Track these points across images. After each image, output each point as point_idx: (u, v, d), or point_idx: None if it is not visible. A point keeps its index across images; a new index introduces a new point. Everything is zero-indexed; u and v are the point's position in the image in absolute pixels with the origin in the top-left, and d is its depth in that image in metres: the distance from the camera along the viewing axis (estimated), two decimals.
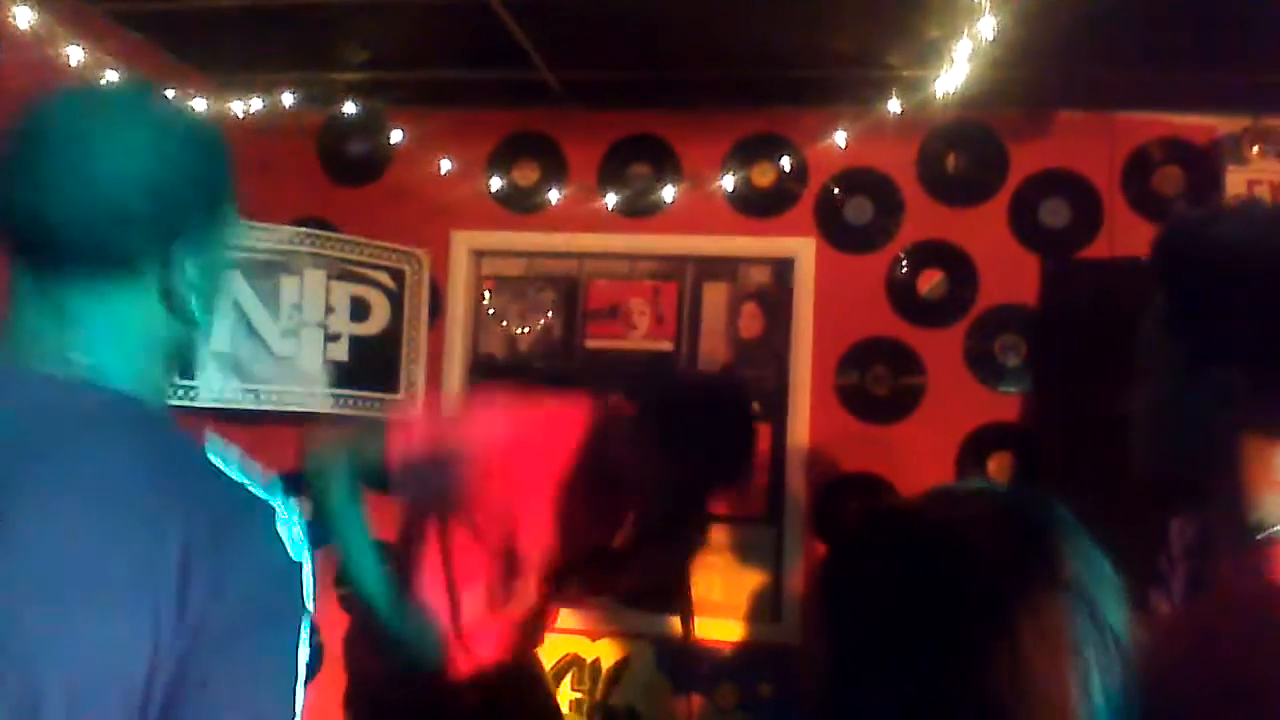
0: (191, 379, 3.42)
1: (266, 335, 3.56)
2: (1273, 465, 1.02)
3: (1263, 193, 3.40)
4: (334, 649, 2.75)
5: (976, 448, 3.54)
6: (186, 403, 3.38)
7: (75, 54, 2.94)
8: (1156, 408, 1.09)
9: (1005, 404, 3.54)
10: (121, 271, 1.07)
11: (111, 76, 3.12)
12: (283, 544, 1.02)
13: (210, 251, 1.14)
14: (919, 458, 3.52)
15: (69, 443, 0.99)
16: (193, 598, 0.94)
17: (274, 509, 1.03)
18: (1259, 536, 1.02)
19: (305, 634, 1.02)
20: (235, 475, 1.05)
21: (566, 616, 3.40)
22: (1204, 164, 3.47)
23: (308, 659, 1.02)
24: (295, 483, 3.80)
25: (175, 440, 1.07)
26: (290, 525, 1.04)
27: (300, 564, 1.03)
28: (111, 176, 1.05)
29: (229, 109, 3.50)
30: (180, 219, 1.09)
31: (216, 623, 0.95)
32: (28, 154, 1.06)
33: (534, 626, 2.68)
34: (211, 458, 1.06)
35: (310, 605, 1.04)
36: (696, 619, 3.19)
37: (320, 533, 1.13)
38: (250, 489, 1.04)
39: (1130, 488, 1.14)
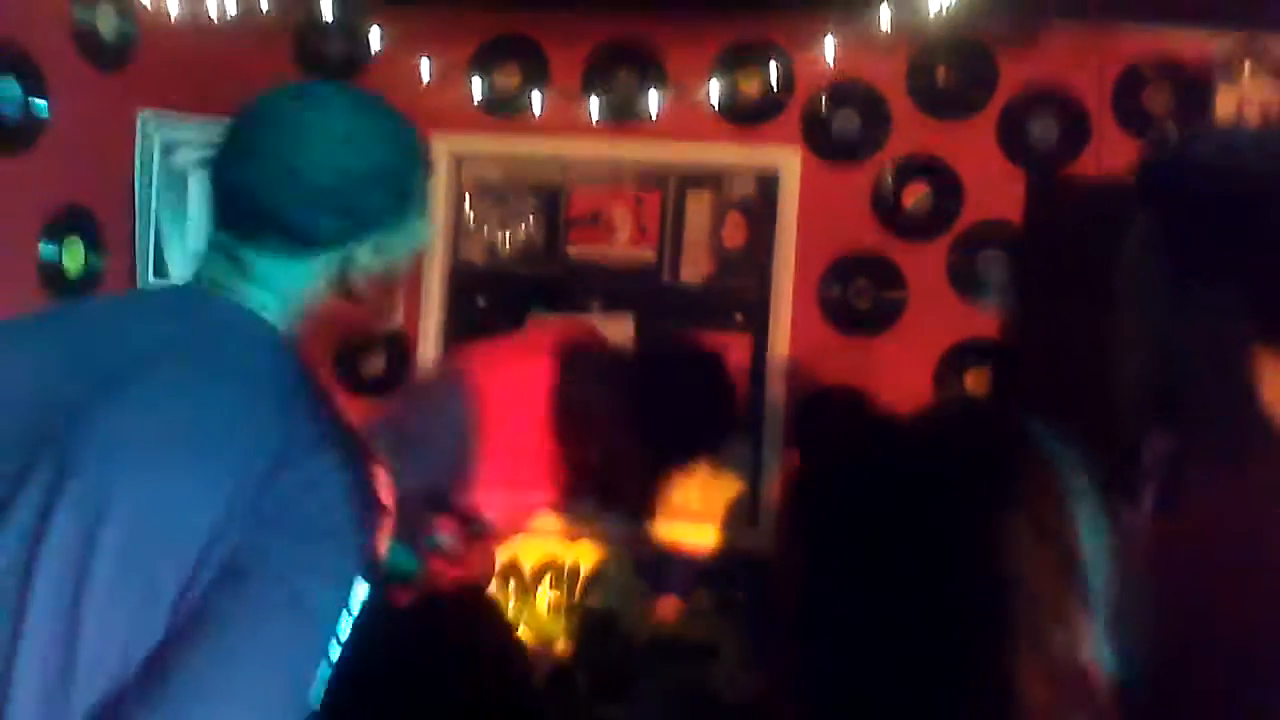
0: (166, 278, 3.38)
1: None
2: (1261, 383, 1.01)
3: (1251, 114, 3.38)
4: None
5: (956, 362, 3.55)
6: None
7: None
8: (1140, 329, 1.08)
9: (986, 319, 3.55)
10: (304, 246, 1.25)
11: None
12: (362, 478, 1.17)
13: (393, 240, 1.32)
14: (899, 371, 3.53)
15: (215, 342, 1.20)
16: (273, 491, 1.06)
17: (361, 450, 1.21)
18: (1236, 457, 1.02)
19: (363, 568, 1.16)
20: (340, 418, 1.25)
21: (545, 519, 3.43)
22: (1195, 82, 3.43)
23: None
24: None
25: (300, 371, 1.27)
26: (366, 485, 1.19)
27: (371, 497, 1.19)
28: (306, 165, 1.21)
29: (203, 7, 3.41)
30: (366, 208, 1.26)
31: (287, 517, 1.06)
32: (244, 135, 1.27)
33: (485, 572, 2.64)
34: (324, 400, 1.25)
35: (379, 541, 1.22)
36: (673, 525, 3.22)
37: None
38: (347, 427, 1.24)
39: (1109, 405, 1.15)
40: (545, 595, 3.69)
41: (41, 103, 3.02)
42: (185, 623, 1.00)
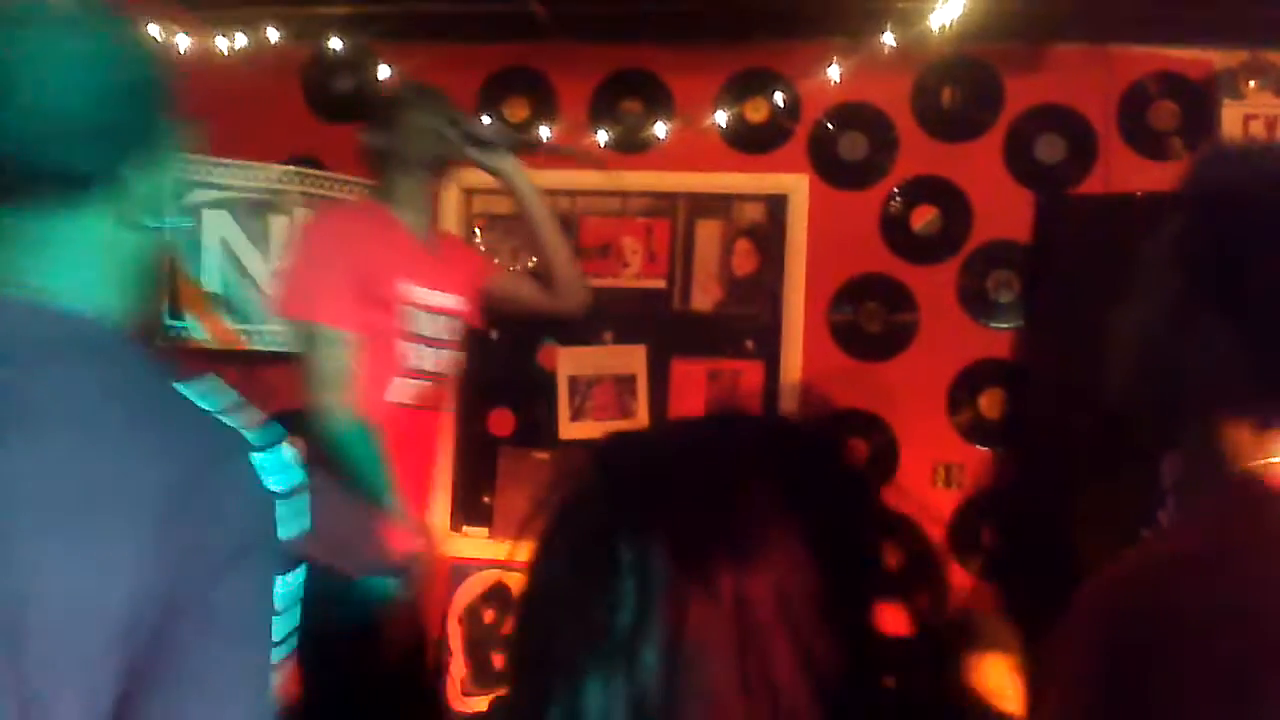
0: (182, 319, 3.40)
1: (257, 275, 3.54)
2: (1246, 419, 1.00)
3: (1258, 128, 3.38)
4: None
5: (968, 384, 3.54)
6: (178, 343, 3.37)
7: None
8: (1140, 336, 1.07)
9: (998, 340, 3.55)
10: (73, 191, 1.04)
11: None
12: (258, 477, 1.01)
13: (160, 165, 1.11)
14: (911, 394, 3.53)
15: (33, 370, 0.97)
16: (178, 530, 0.93)
17: (249, 441, 1.02)
18: (1232, 474, 1.00)
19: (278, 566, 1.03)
20: (206, 406, 1.03)
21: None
22: (1200, 99, 3.44)
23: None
24: (289, 421, 3.82)
25: (143, 369, 1.05)
26: (271, 454, 1.03)
27: (273, 494, 1.02)
28: (56, 95, 1.02)
29: (213, 45, 3.45)
30: (127, 134, 1.07)
31: (205, 555, 0.94)
32: None
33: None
34: (180, 388, 1.04)
35: (289, 534, 1.03)
36: None
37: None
38: (224, 421, 1.02)
39: (1120, 423, 1.13)
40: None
41: None
42: (140, 678, 0.92)
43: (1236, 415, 1.00)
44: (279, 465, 1.03)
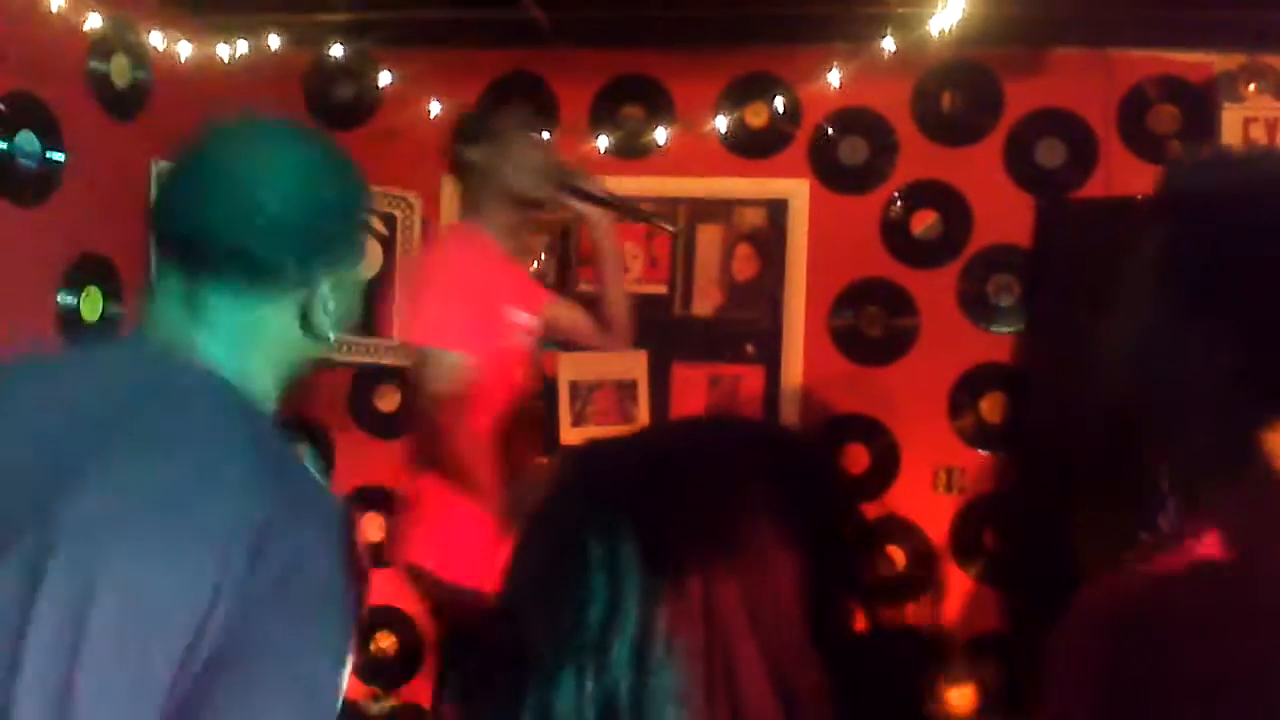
0: None
1: None
2: (1243, 419, 1.00)
3: (1258, 130, 3.39)
4: None
5: (969, 388, 3.55)
6: None
7: None
8: (1134, 347, 1.07)
9: (998, 344, 3.55)
10: (264, 284, 1.17)
11: (94, 21, 3.07)
12: (353, 541, 1.11)
13: (346, 273, 1.24)
14: (912, 399, 3.54)
15: (178, 408, 1.11)
16: (264, 565, 1.00)
17: (347, 510, 1.15)
18: (1219, 483, 1.02)
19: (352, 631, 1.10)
20: (318, 478, 1.19)
21: None
22: (1200, 102, 3.44)
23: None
24: (289, 429, 3.82)
25: (272, 433, 1.17)
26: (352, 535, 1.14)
27: (363, 576, 1.13)
28: (270, 198, 1.15)
29: (214, 52, 3.46)
30: (324, 241, 1.20)
31: (285, 593, 1.02)
32: (195, 169, 1.19)
33: None
34: (302, 460, 1.19)
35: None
36: None
37: None
38: (328, 491, 1.18)
39: (1121, 428, 1.14)
40: None
41: (59, 155, 3.06)
42: (184, 712, 0.97)
43: (1244, 417, 1.00)
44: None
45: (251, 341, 1.18)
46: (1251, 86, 3.37)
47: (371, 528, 3.87)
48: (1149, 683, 0.92)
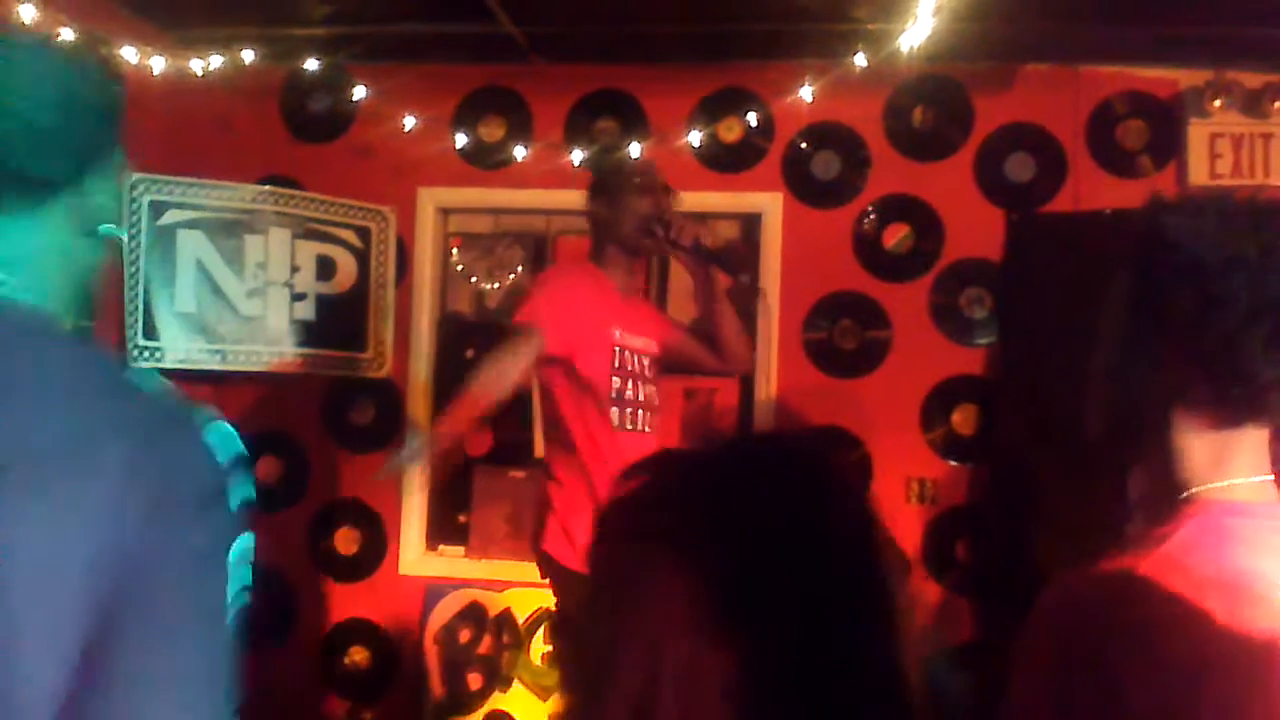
0: (156, 339, 3.39)
1: (232, 295, 3.53)
2: (1195, 434, 1.12)
3: (1224, 146, 3.44)
4: None
5: (942, 400, 3.58)
6: (152, 364, 3.35)
7: (28, 11, 2.88)
8: (1104, 372, 1.17)
9: (970, 357, 3.58)
10: (36, 195, 1.15)
11: (66, 33, 3.06)
12: (210, 449, 1.10)
13: (114, 178, 1.23)
14: (885, 411, 3.56)
15: (4, 351, 1.08)
16: (138, 490, 1.01)
17: (199, 417, 1.11)
18: (1180, 497, 1.11)
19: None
20: (155, 389, 1.14)
21: (537, 571, 3.43)
22: (1167, 117, 3.50)
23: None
24: (264, 442, 3.81)
25: (98, 355, 1.17)
26: (216, 431, 1.12)
27: (225, 467, 1.11)
28: (26, 106, 1.13)
29: (188, 66, 3.45)
30: (89, 146, 1.19)
31: (162, 511, 1.02)
32: None
33: None
34: (129, 374, 1.16)
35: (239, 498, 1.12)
36: None
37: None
38: (171, 399, 1.13)
39: (1092, 439, 1.19)
40: (540, 646, 3.68)
41: None
42: (100, 647, 0.98)
43: (1189, 428, 1.12)
44: (221, 437, 1.12)
45: (39, 260, 1.16)
46: (1218, 102, 3.42)
47: (345, 539, 3.86)
48: (1082, 679, 1.02)
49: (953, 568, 3.52)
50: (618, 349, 2.91)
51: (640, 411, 2.95)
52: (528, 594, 3.64)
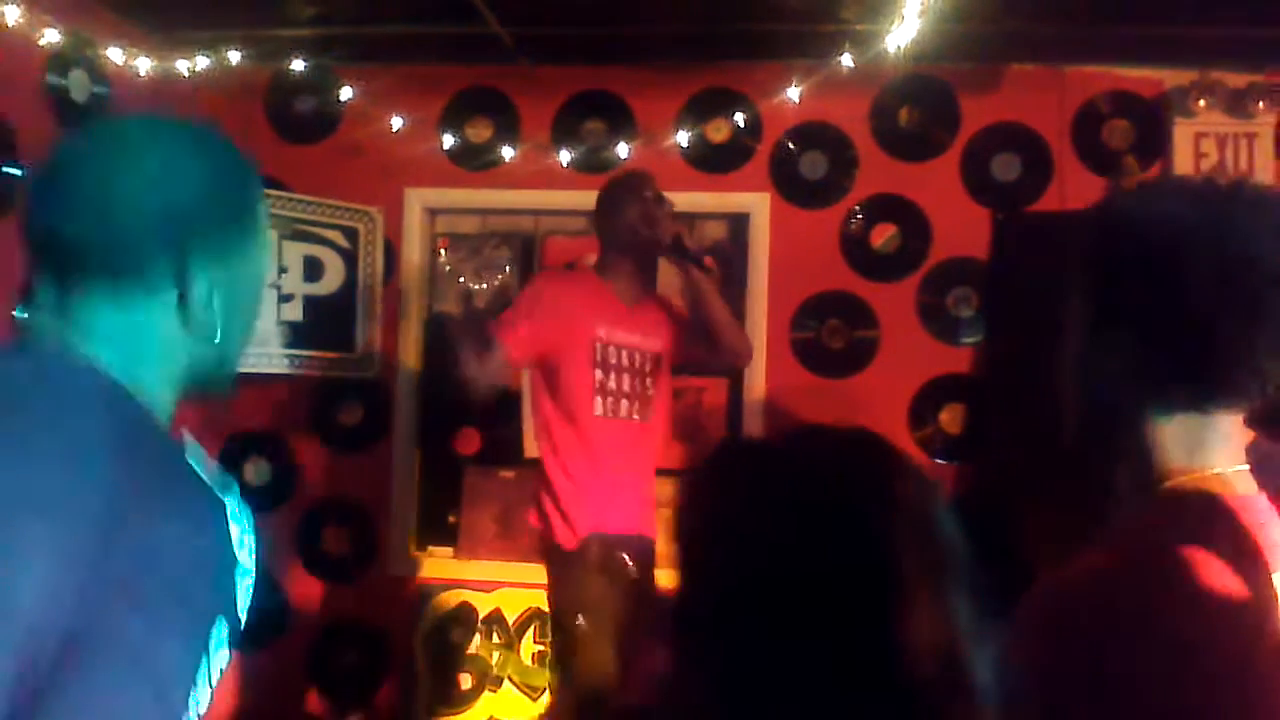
0: None
1: None
2: (1166, 422, 1.10)
3: (1209, 145, 3.46)
4: None
5: (930, 399, 3.59)
6: None
7: (11, 13, 2.87)
8: (1070, 364, 1.17)
9: (958, 356, 3.60)
10: (132, 283, 1.12)
11: (52, 36, 3.05)
12: (231, 543, 1.09)
13: (231, 268, 1.17)
14: (873, 410, 3.57)
15: (45, 403, 1.03)
16: (116, 557, 0.97)
17: (230, 510, 1.11)
18: (1158, 488, 1.10)
19: (223, 631, 1.09)
20: (203, 476, 1.13)
21: (527, 571, 3.43)
22: (1152, 117, 3.51)
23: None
24: (253, 442, 3.81)
25: (150, 431, 1.11)
26: (243, 530, 1.12)
27: (240, 564, 1.11)
28: (125, 191, 1.11)
29: (174, 67, 3.44)
30: (193, 235, 1.14)
31: (136, 586, 0.99)
32: (53, 171, 1.14)
33: None
34: (188, 459, 1.12)
35: (242, 602, 1.12)
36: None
37: None
38: (213, 488, 1.11)
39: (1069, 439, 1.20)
40: (530, 646, 3.68)
41: (16, 170, 3.04)
42: (37, 698, 0.94)
43: (1161, 415, 1.11)
44: (243, 516, 1.13)
45: (133, 345, 1.13)
46: (1202, 102, 3.44)
47: (334, 539, 3.86)
48: (1080, 678, 1.02)
49: None
50: (599, 345, 3.02)
51: (624, 401, 3.05)
52: (517, 594, 3.64)
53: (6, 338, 1.26)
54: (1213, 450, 1.10)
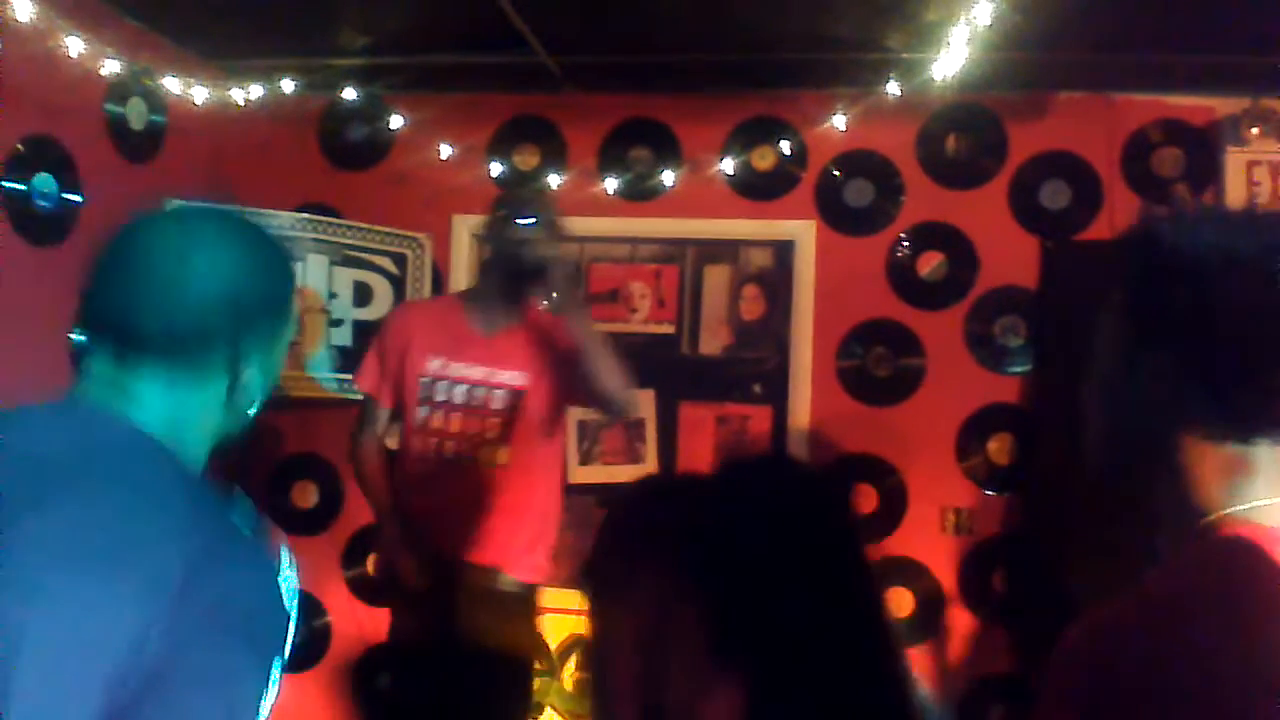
0: None
1: None
2: (1206, 452, 1.06)
3: (1262, 174, 3.41)
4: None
5: (977, 429, 3.56)
6: None
7: (75, 44, 2.95)
8: (1103, 392, 1.14)
9: (1005, 385, 3.56)
10: (191, 368, 1.20)
11: (112, 66, 3.13)
12: (280, 591, 1.16)
13: (273, 353, 1.28)
14: (920, 440, 3.55)
15: (111, 462, 1.13)
16: (192, 600, 1.04)
17: (279, 563, 1.18)
18: (1200, 523, 1.06)
19: (277, 670, 1.15)
20: (248, 526, 1.20)
21: (567, 597, 3.43)
22: (1203, 145, 3.47)
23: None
24: (299, 466, 3.84)
25: (200, 485, 1.20)
26: (288, 580, 1.19)
27: (289, 613, 1.17)
28: (196, 285, 1.19)
29: (229, 96, 3.51)
30: (251, 326, 1.23)
31: (212, 625, 1.05)
32: (123, 256, 1.21)
33: None
34: (234, 517, 1.19)
35: (287, 648, 1.17)
36: None
37: None
38: (261, 544, 1.19)
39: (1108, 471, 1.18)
40: (572, 673, 3.67)
41: (76, 197, 3.11)
42: None
43: (1198, 447, 1.07)
44: (287, 586, 1.20)
45: (177, 416, 1.20)
46: (1255, 130, 3.39)
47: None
48: (1096, 712, 1.00)
49: (989, 598, 3.49)
50: (424, 380, 2.88)
51: (447, 442, 2.88)
52: (560, 620, 3.64)
53: (60, 365, 1.33)
54: (1255, 483, 1.05)
